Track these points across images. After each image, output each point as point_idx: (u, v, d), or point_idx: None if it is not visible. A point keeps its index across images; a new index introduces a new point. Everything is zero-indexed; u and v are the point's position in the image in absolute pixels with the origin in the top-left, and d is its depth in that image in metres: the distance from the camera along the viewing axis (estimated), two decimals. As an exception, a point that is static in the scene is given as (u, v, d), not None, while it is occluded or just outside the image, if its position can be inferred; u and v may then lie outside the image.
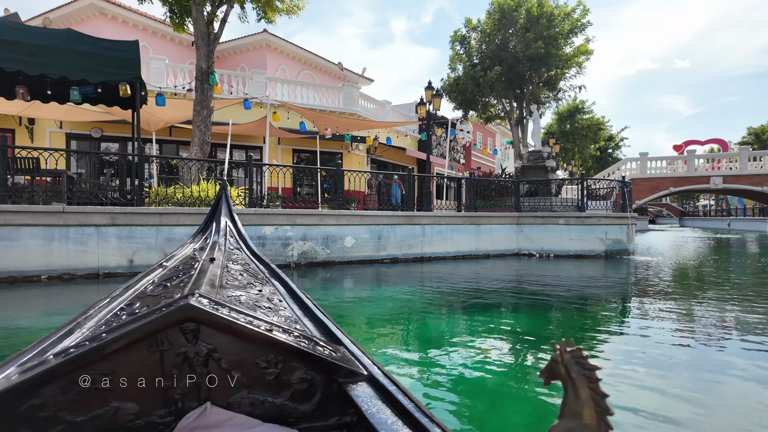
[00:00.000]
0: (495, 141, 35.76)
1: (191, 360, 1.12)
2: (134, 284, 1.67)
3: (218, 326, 1.11)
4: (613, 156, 41.33)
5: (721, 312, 5.63)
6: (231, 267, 1.79)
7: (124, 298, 1.49)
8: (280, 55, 22.85)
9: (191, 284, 1.36)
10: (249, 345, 1.15)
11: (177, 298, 1.15)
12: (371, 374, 1.19)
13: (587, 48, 20.40)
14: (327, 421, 1.18)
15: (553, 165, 15.43)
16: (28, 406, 0.99)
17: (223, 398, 1.14)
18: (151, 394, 1.09)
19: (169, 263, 1.93)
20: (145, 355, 1.09)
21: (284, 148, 18.10)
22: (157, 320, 1.06)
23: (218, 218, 2.60)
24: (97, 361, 1.04)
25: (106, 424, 1.05)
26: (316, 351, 1.17)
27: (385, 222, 10.29)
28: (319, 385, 1.18)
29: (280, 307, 1.51)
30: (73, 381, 1.03)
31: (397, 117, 22.08)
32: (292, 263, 8.91)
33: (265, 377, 1.16)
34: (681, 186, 22.44)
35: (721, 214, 52.37)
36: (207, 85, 9.85)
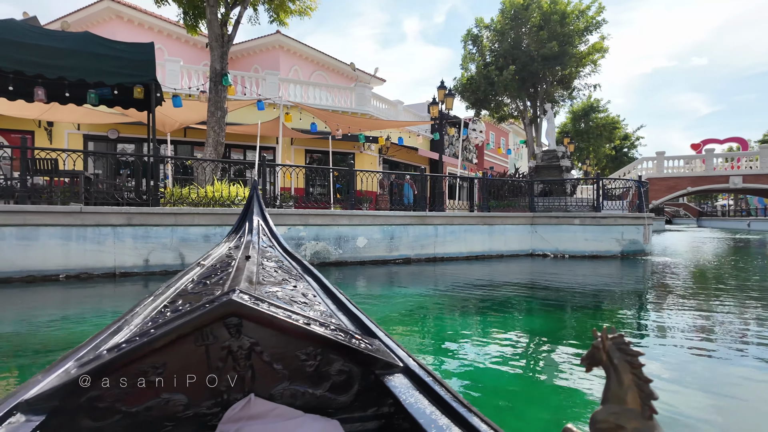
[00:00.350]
0: (508, 140, 35.48)
1: (235, 353, 1.17)
2: (175, 282, 1.73)
3: (259, 320, 1.16)
4: (628, 155, 40.72)
5: (745, 316, 5.49)
6: (266, 264, 1.84)
7: (167, 296, 1.55)
8: (293, 56, 22.97)
9: (230, 281, 1.40)
10: (289, 338, 1.19)
11: (219, 294, 1.19)
12: (407, 366, 1.21)
13: (602, 45, 20.10)
14: (365, 411, 1.22)
15: (567, 164, 15.24)
16: (88, 398, 1.05)
17: (265, 390, 1.19)
18: (198, 387, 1.14)
19: (207, 262, 2.00)
20: (192, 349, 1.14)
21: (297, 149, 18.19)
22: (202, 316, 1.11)
23: (251, 217, 2.69)
24: (148, 355, 1.09)
25: (159, 414, 1.11)
26: (352, 344, 1.20)
27: (398, 222, 10.27)
28: (356, 377, 1.22)
29: (314, 302, 1.55)
30: (128, 374, 1.09)
31: (409, 117, 22.04)
32: (305, 263, 8.94)
33: (305, 369, 1.20)
34: (699, 186, 22.00)
35: (740, 214, 51.28)
36: (221, 86, 9.93)
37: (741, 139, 34.46)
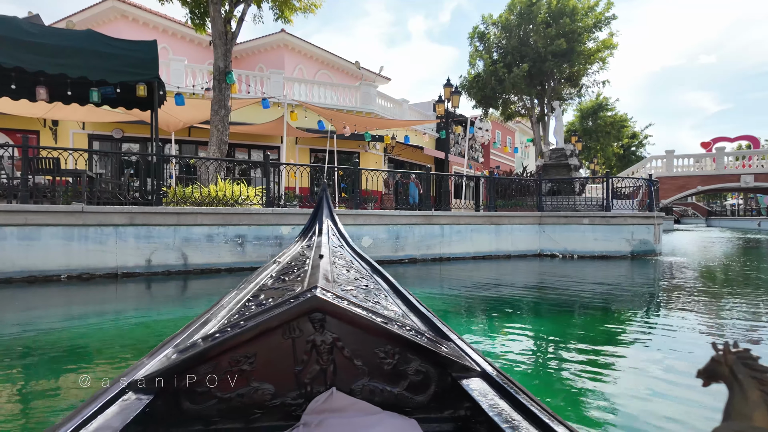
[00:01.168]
0: (514, 139, 35.20)
1: (318, 347, 1.21)
2: (254, 279, 1.83)
3: (342, 317, 1.20)
4: (636, 154, 40.25)
5: (761, 319, 5.29)
6: (338, 263, 1.88)
7: (249, 290, 1.64)
8: (298, 54, 22.87)
9: (308, 278, 1.45)
10: (368, 336, 1.22)
11: (303, 290, 1.24)
12: (485, 370, 1.21)
13: (611, 42, 19.80)
14: (442, 413, 1.23)
15: (576, 163, 15.00)
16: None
17: (346, 384, 1.23)
18: (285, 378, 1.21)
19: (282, 259, 2.11)
20: (280, 341, 1.20)
21: (301, 148, 18.08)
22: (289, 310, 1.17)
23: (320, 219, 2.80)
24: (240, 346, 1.16)
25: (249, 402, 1.18)
26: (429, 345, 1.22)
27: (403, 222, 10.11)
28: (433, 378, 1.23)
29: (387, 302, 1.57)
30: (222, 362, 1.16)
31: (415, 116, 21.86)
32: (309, 264, 8.81)
33: (383, 367, 1.23)
34: (709, 185, 21.66)
35: (750, 213, 50.61)
36: (224, 85, 9.82)
37: (752, 137, 33.94)
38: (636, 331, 4.75)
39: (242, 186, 9.10)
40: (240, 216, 8.23)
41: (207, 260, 7.94)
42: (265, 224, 8.41)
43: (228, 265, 8.08)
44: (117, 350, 3.82)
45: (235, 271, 8.09)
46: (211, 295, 6.45)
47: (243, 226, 8.25)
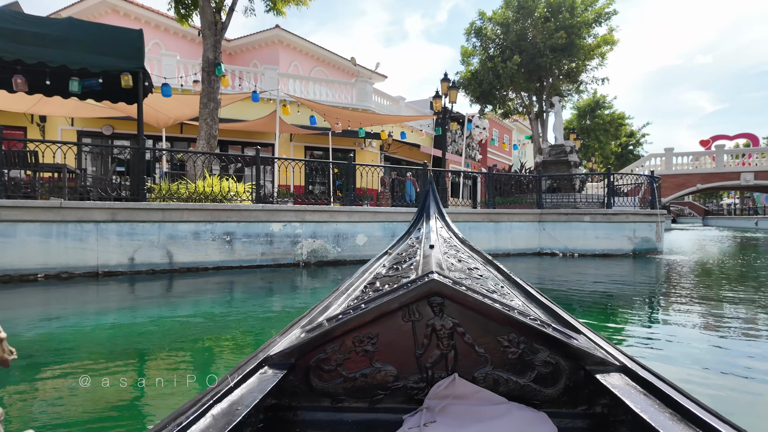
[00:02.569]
0: (511, 137, 34.95)
1: (438, 332, 1.21)
2: (368, 268, 1.86)
3: (461, 302, 1.19)
4: (634, 153, 40.12)
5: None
6: (449, 253, 1.84)
7: (364, 279, 1.67)
8: (293, 51, 22.53)
9: (422, 267, 1.42)
10: (489, 322, 1.19)
11: (420, 275, 1.24)
12: (624, 364, 1.12)
13: (611, 38, 19.53)
14: (574, 408, 1.17)
15: (576, 159, 14.72)
16: (317, 359, 1.19)
17: (468, 372, 1.21)
18: (406, 360, 1.21)
19: (394, 251, 2.14)
20: (401, 324, 1.21)
21: (296, 145, 17.73)
22: (408, 293, 1.18)
23: (428, 212, 2.79)
24: (363, 326, 1.20)
25: (372, 382, 1.20)
26: (557, 335, 1.16)
27: (399, 219, 9.78)
28: (564, 371, 1.17)
29: (504, 291, 1.52)
30: (347, 341, 1.20)
31: (412, 113, 21.55)
32: (301, 262, 8.46)
33: (508, 356, 1.19)
34: (709, 183, 21.43)
35: (747, 212, 50.55)
36: (214, 77, 9.47)
37: (752, 135, 33.83)
38: (652, 335, 4.44)
39: (231, 182, 8.75)
40: (228, 212, 7.88)
41: (193, 258, 7.59)
42: (255, 221, 8.06)
43: (216, 264, 7.73)
44: (85, 355, 3.47)
45: (223, 269, 7.74)
46: (198, 295, 6.11)
47: (232, 222, 7.90)
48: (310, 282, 7.35)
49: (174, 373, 3.07)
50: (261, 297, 5.95)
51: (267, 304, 5.47)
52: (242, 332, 4.24)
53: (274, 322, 4.60)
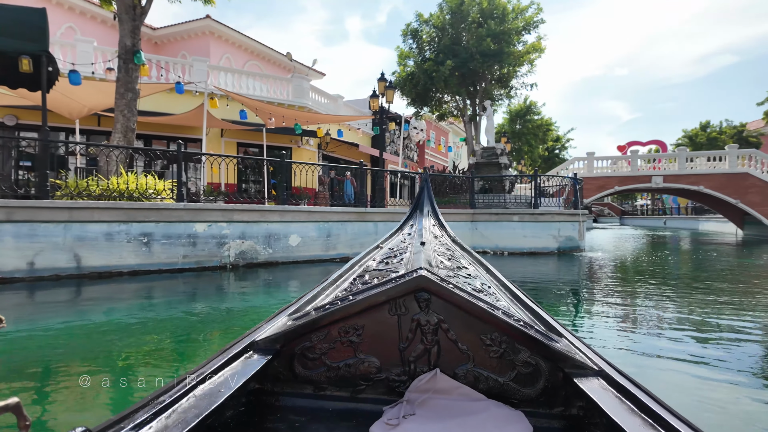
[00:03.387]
0: (448, 139, 35.81)
1: (423, 327, 1.23)
2: (358, 261, 1.86)
3: (448, 298, 1.21)
4: (559, 156, 42.55)
5: (672, 303, 5.40)
6: (440, 251, 1.83)
7: (353, 271, 1.68)
8: (225, 43, 21.56)
9: (412, 262, 1.45)
10: (473, 321, 1.21)
11: (409, 270, 1.27)
12: (601, 368, 1.13)
13: (539, 45, 20.51)
14: (551, 409, 1.18)
15: (506, 162, 15.28)
16: (302, 347, 1.24)
17: (449, 367, 1.23)
18: (390, 353, 1.25)
19: (385, 245, 2.11)
20: (387, 317, 1.25)
21: (228, 141, 16.92)
22: (396, 287, 1.21)
23: (421, 208, 2.81)
24: (350, 317, 1.24)
25: (356, 372, 1.24)
26: (539, 337, 1.17)
27: (335, 219, 9.58)
28: (543, 372, 1.18)
29: (489, 291, 1.51)
30: (333, 331, 1.24)
31: (350, 112, 21.37)
32: (229, 264, 8.01)
33: (490, 354, 1.21)
34: (625, 185, 23.12)
35: (657, 213, 55.40)
36: (132, 65, 8.74)
37: (661, 142, 37.12)
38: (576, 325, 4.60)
39: (151, 178, 8.11)
40: (146, 212, 7.28)
41: (106, 262, 6.93)
42: (177, 221, 7.52)
43: (131, 267, 7.11)
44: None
45: (141, 274, 7.14)
46: (109, 302, 5.56)
47: (150, 223, 7.30)
48: (238, 285, 6.97)
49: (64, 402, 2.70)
50: (181, 303, 5.53)
51: (187, 311, 5.08)
52: (155, 347, 3.87)
53: (196, 328, 4.26)
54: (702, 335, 4.24)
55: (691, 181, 22.03)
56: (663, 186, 22.78)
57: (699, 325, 4.61)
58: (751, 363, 3.44)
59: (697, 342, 4.01)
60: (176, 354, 3.59)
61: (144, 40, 21.98)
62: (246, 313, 5.08)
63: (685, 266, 10.71)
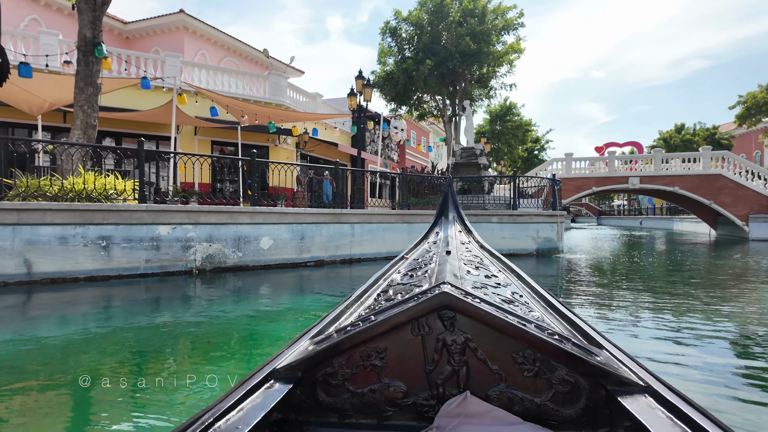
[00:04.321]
0: (428, 139, 35.72)
1: (449, 347, 1.15)
2: (383, 274, 1.79)
3: (473, 315, 1.13)
4: (538, 157, 42.94)
5: (650, 301, 5.29)
6: (466, 260, 1.77)
7: (378, 285, 1.63)
8: (200, 39, 20.97)
9: (436, 275, 1.38)
10: (503, 338, 1.13)
11: (431, 286, 1.20)
12: (649, 384, 1.03)
13: (519, 46, 20.52)
14: (595, 430, 1.09)
15: (485, 162, 15.16)
16: (324, 373, 1.17)
17: (481, 389, 1.15)
18: (416, 376, 1.17)
19: (410, 256, 2.05)
20: (410, 338, 1.16)
21: (202, 140, 16.38)
22: (418, 305, 1.13)
23: (446, 214, 2.72)
24: (371, 340, 1.16)
25: (381, 398, 1.17)
26: (576, 352, 1.07)
27: (309, 221, 9.25)
28: (584, 390, 1.10)
29: (522, 301, 1.41)
30: (355, 355, 1.17)
31: (329, 110, 21.02)
32: (195, 269, 7.62)
33: (523, 373, 1.13)
34: (603, 186, 23.35)
35: (634, 213, 56.48)
36: (93, 58, 8.25)
37: (637, 143, 37.81)
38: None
39: (113, 178, 7.66)
40: (105, 213, 6.84)
41: (60, 267, 6.48)
42: (138, 223, 7.10)
43: (88, 273, 6.66)
44: None
45: (98, 280, 6.71)
46: (62, 312, 5.14)
47: (109, 225, 6.87)
48: (205, 291, 6.61)
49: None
50: (140, 312, 5.15)
51: (148, 322, 4.71)
52: (112, 362, 3.52)
53: (156, 340, 3.91)
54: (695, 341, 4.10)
55: (666, 182, 22.36)
56: (639, 187, 23.08)
57: (683, 328, 4.48)
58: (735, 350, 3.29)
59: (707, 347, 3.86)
60: (134, 372, 3.25)
61: (114, 34, 21.26)
62: (212, 322, 4.74)
63: (663, 268, 10.73)
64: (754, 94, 24.29)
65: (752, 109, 24.26)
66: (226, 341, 4.06)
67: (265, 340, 4.21)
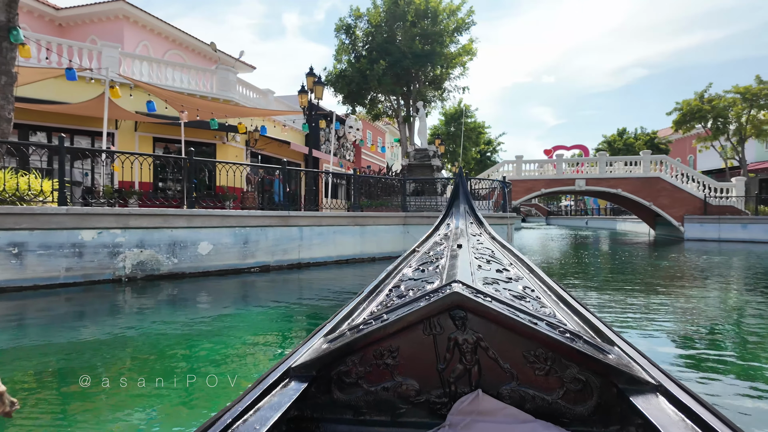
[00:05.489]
0: (385, 140, 35.63)
1: (461, 346, 1.17)
2: (395, 268, 1.81)
3: (485, 315, 1.14)
4: (491, 159, 43.86)
5: (601, 296, 5.32)
6: (477, 253, 1.75)
7: (389, 281, 1.66)
8: (142, 29, 19.79)
9: (447, 271, 1.40)
10: (515, 336, 1.14)
11: (442, 284, 1.22)
12: (660, 383, 1.05)
13: (471, 48, 20.73)
14: (606, 428, 1.10)
15: (438, 164, 15.16)
16: (338, 371, 1.20)
17: (492, 387, 1.17)
18: (428, 375, 1.19)
19: (421, 248, 2.09)
20: (422, 337, 1.18)
21: (143, 136, 15.36)
22: (429, 306, 1.15)
23: (458, 206, 2.67)
24: (384, 339, 1.18)
25: (394, 396, 1.19)
26: (587, 350, 1.08)
27: (254, 224, 8.78)
28: (595, 388, 1.10)
29: (533, 296, 1.40)
30: (368, 354, 1.19)
31: (282, 108, 20.40)
32: (124, 277, 7.00)
33: (534, 372, 1.14)
34: (551, 187, 24.06)
35: (580, 213, 59.02)
36: (6, 44, 7.43)
37: (584, 146, 39.35)
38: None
39: (31, 177, 6.92)
40: (17, 217, 6.13)
41: (-39, 279, 5.74)
42: (58, 228, 6.41)
43: (-4, 285, 5.95)
44: None
45: (10, 291, 6.00)
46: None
47: (22, 230, 6.15)
48: (138, 301, 6.07)
49: None
50: (55, 327, 4.59)
51: (65, 337, 4.18)
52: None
53: (68, 360, 3.42)
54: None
55: (610, 184, 23.32)
56: (585, 189, 23.95)
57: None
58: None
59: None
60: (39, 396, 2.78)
61: (45, 20, 19.67)
62: (140, 335, 4.28)
63: (608, 266, 11.04)
64: (689, 101, 25.77)
65: (687, 116, 25.72)
66: (142, 364, 3.64)
67: (199, 360, 3.81)
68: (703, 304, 6.25)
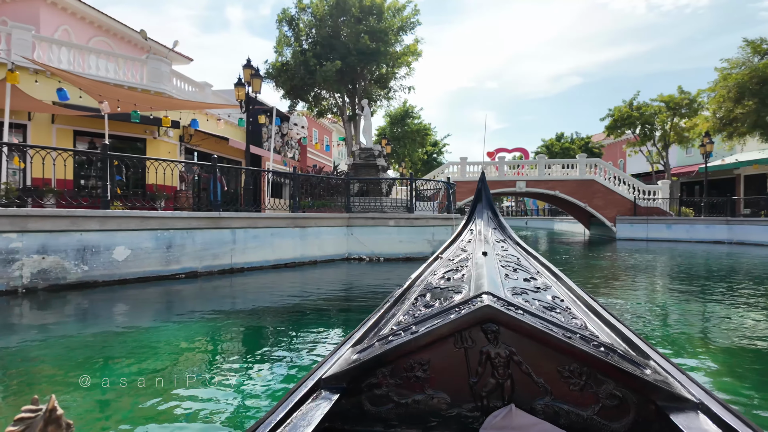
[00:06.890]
0: (332, 138, 35.08)
1: (493, 360, 1.14)
2: (420, 275, 1.82)
3: (518, 329, 1.11)
4: (437, 161, 44.45)
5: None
6: (503, 261, 1.71)
7: (415, 289, 1.65)
8: (62, 12, 18.09)
9: (474, 281, 1.37)
10: (548, 351, 1.12)
11: (471, 296, 1.20)
12: (700, 400, 1.01)
13: (416, 48, 20.71)
14: None
15: (383, 164, 14.91)
16: (368, 383, 1.19)
17: (526, 402, 1.14)
18: (460, 388, 1.17)
19: (445, 255, 2.07)
20: (453, 350, 1.17)
21: (62, 129, 13.95)
22: (460, 319, 1.13)
23: (480, 211, 2.64)
24: (414, 352, 1.16)
25: (425, 409, 1.17)
26: (622, 365, 1.06)
27: (180, 226, 8.07)
28: (632, 405, 1.07)
29: (563, 307, 1.36)
30: (398, 366, 1.18)
31: (219, 101, 19.36)
32: (21, 288, 6.12)
33: (569, 387, 1.12)
34: (494, 189, 24.59)
35: (520, 214, 61.31)
36: None
37: (524, 149, 40.79)
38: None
39: None
40: None
41: None
42: (-67, 232, 5.49)
43: None
44: None
45: None
46: None
47: None
48: (39, 315, 5.29)
49: None
50: None
51: None
52: None
53: None
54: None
55: (549, 186, 24.18)
56: (526, 190, 24.69)
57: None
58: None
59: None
60: None
61: (-55, -3, 17.50)
62: (26, 359, 3.61)
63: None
64: (620, 108, 27.33)
65: (618, 122, 27.24)
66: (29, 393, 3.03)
67: (93, 393, 3.24)
68: (643, 300, 6.38)
